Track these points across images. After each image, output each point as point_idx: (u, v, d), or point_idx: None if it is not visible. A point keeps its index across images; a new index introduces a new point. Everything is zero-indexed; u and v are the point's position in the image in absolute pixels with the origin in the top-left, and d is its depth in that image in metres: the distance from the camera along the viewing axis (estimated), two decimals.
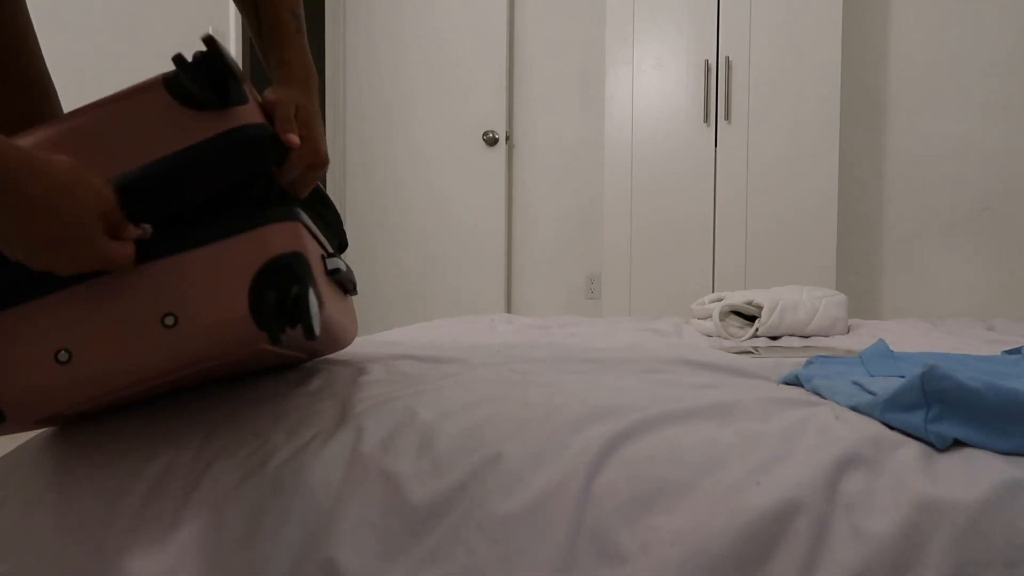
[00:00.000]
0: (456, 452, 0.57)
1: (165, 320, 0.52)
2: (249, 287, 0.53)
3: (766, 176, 2.50)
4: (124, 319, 0.53)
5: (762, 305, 1.48)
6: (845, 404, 0.68)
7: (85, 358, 0.52)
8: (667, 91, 2.60)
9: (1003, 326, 1.55)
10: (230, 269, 0.53)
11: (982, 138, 2.64)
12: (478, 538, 0.52)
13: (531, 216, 3.22)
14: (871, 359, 0.88)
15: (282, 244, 0.55)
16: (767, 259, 2.51)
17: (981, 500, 0.49)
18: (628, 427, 0.57)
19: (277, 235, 0.55)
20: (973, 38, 2.63)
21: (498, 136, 3.11)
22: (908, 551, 0.47)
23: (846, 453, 0.53)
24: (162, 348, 0.52)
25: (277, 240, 0.55)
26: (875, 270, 2.78)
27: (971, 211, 2.66)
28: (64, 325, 0.53)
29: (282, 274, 0.54)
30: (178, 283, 0.53)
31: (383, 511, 0.54)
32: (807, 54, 2.45)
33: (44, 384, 0.52)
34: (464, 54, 3.16)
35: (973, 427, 0.56)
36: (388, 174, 3.34)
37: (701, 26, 2.54)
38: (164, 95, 0.57)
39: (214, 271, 0.53)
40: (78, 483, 0.64)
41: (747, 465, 0.53)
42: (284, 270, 0.54)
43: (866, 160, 2.77)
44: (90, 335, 0.53)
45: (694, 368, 0.89)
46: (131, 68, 2.36)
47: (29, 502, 0.64)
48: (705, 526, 0.49)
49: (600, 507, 0.52)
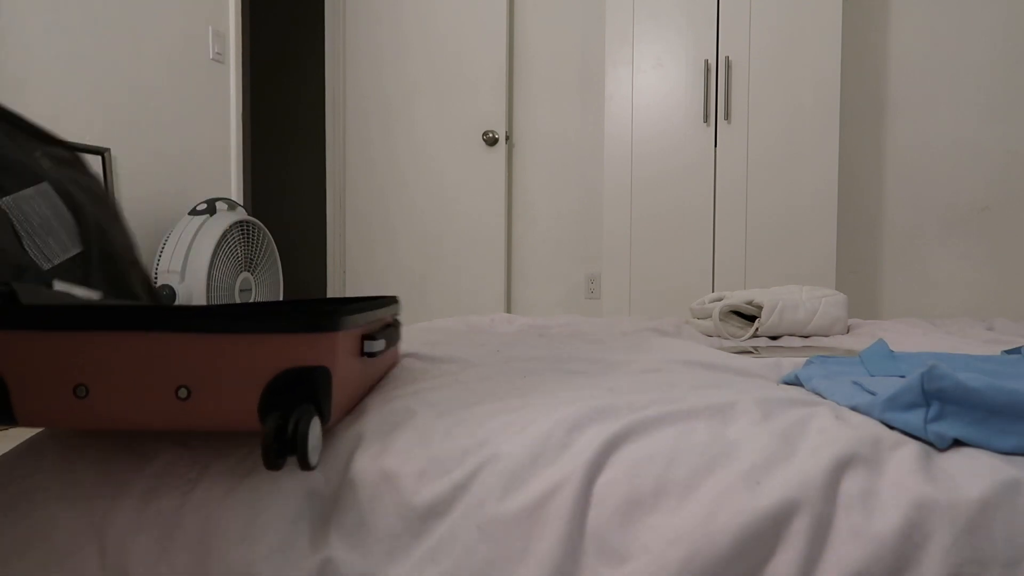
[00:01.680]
0: (456, 452, 0.57)
1: (179, 392, 0.53)
2: (263, 389, 0.53)
3: (766, 176, 2.50)
4: (141, 376, 0.54)
5: (762, 305, 1.48)
6: (845, 404, 0.68)
7: (100, 399, 0.54)
8: (667, 91, 2.60)
9: (1003, 326, 1.54)
10: (250, 365, 0.53)
11: (982, 137, 2.64)
12: (477, 538, 0.52)
13: (531, 216, 3.22)
14: (871, 359, 0.88)
15: (307, 355, 0.54)
16: (767, 259, 2.51)
17: (981, 500, 0.49)
18: (628, 427, 0.57)
19: (306, 345, 0.54)
20: (972, 37, 2.63)
21: (498, 136, 3.11)
22: (908, 551, 0.47)
23: (846, 453, 0.53)
24: (171, 414, 0.53)
25: (303, 350, 0.54)
26: (875, 270, 2.78)
27: (971, 210, 2.66)
28: (87, 363, 0.54)
29: (295, 389, 0.53)
30: (199, 361, 0.53)
31: (382, 511, 0.54)
32: (807, 54, 2.45)
33: (59, 410, 0.55)
34: (464, 54, 3.16)
35: (973, 427, 0.56)
36: (388, 174, 3.34)
37: (701, 26, 2.54)
38: None
39: (236, 361, 0.53)
40: (82, 482, 0.64)
41: (747, 465, 0.53)
42: (299, 384, 0.53)
43: (866, 160, 2.77)
44: (108, 382, 0.54)
45: (694, 368, 0.89)
46: (132, 68, 2.36)
47: (34, 501, 0.64)
48: (705, 526, 0.49)
49: (600, 507, 0.52)
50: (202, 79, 2.68)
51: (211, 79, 2.73)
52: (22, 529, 0.63)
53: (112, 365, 0.54)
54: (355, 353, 0.63)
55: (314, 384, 0.54)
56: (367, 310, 0.66)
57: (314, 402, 0.54)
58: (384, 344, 0.69)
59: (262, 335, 0.53)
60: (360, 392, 0.69)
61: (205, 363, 0.53)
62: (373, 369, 0.74)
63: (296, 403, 0.53)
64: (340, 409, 0.60)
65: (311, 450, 0.52)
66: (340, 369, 0.58)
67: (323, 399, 0.54)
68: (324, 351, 0.55)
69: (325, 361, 0.55)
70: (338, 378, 0.57)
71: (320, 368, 0.54)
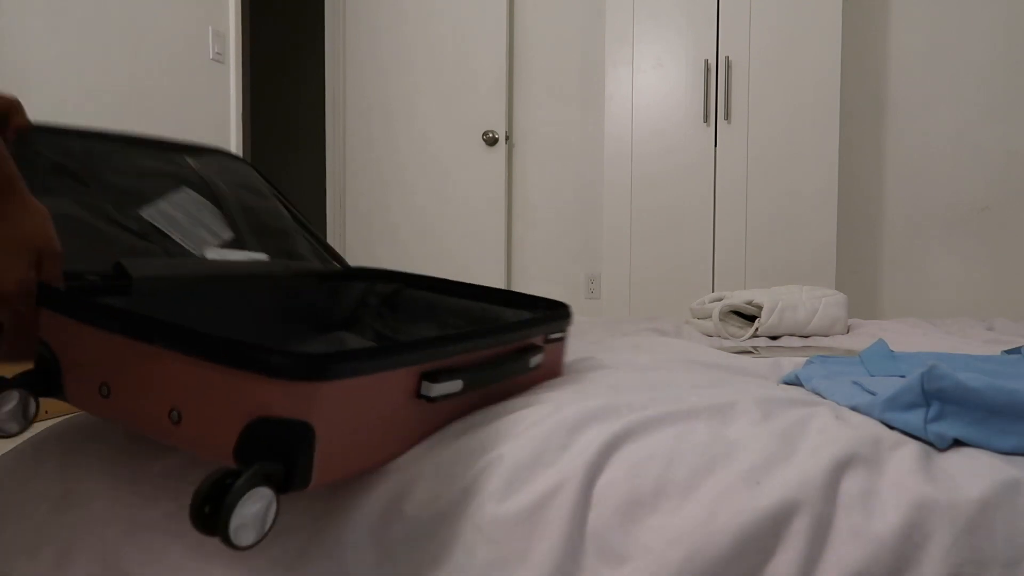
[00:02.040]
0: (456, 453, 0.57)
1: (172, 414, 0.51)
2: (240, 431, 0.46)
3: (766, 175, 2.50)
4: (144, 390, 0.52)
5: (762, 305, 1.48)
6: (845, 404, 0.68)
7: (119, 401, 0.54)
8: (667, 91, 2.60)
9: (1003, 326, 1.55)
10: (232, 402, 0.47)
11: (982, 137, 2.64)
12: (478, 539, 0.52)
13: (531, 216, 3.22)
14: (871, 359, 0.88)
15: (282, 405, 0.46)
16: (767, 259, 2.51)
17: (981, 500, 0.49)
18: (628, 427, 0.57)
19: (280, 393, 0.46)
20: (972, 37, 2.63)
21: (498, 136, 3.11)
22: (908, 551, 0.47)
23: (846, 453, 0.53)
24: (166, 434, 0.52)
25: (277, 398, 0.46)
26: (875, 270, 2.78)
27: (971, 210, 2.66)
28: (109, 364, 0.54)
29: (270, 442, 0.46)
30: (192, 387, 0.49)
31: (384, 513, 0.54)
32: (806, 54, 2.45)
33: (91, 402, 0.56)
34: (464, 54, 3.16)
35: (972, 427, 0.56)
36: (388, 174, 3.34)
37: (701, 26, 2.55)
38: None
39: (223, 393, 0.48)
40: (88, 483, 0.64)
41: (747, 465, 0.53)
42: (273, 437, 0.46)
43: (865, 159, 2.77)
44: (124, 385, 0.54)
45: (694, 368, 0.89)
46: (131, 68, 2.36)
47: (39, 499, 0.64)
48: (705, 526, 0.49)
49: (600, 508, 0.52)
50: (202, 79, 2.68)
51: (211, 79, 2.73)
52: (27, 529, 0.63)
53: (126, 370, 0.53)
54: (404, 395, 0.54)
55: (287, 440, 0.46)
56: (437, 345, 0.56)
57: (286, 461, 0.46)
58: (461, 385, 0.58)
59: (239, 371, 0.46)
60: (410, 440, 0.58)
61: (193, 389, 0.49)
62: (449, 412, 0.62)
63: (268, 457, 0.45)
64: (348, 468, 0.52)
65: (235, 528, 0.42)
66: (338, 425, 0.49)
67: (298, 459, 0.46)
68: (302, 403, 0.46)
69: (305, 415, 0.46)
70: (334, 435, 0.48)
71: (297, 423, 0.46)
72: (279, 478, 0.46)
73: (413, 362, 0.54)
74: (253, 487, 0.43)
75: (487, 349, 0.62)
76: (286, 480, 0.46)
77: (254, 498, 0.44)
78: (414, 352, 0.54)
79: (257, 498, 0.44)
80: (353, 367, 0.49)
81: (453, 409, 0.62)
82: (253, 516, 0.44)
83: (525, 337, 0.68)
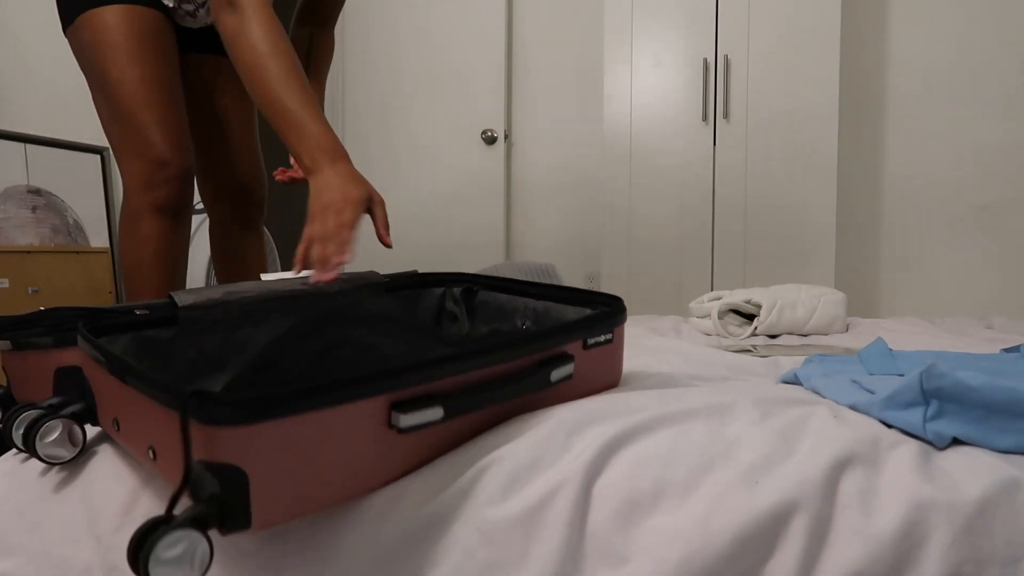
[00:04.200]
0: (455, 455, 0.57)
1: (150, 451, 0.53)
2: (184, 473, 0.46)
3: (765, 174, 2.50)
4: (133, 425, 0.55)
5: (761, 304, 1.48)
6: (844, 403, 0.68)
7: (126, 433, 0.57)
8: (666, 89, 2.60)
9: (1002, 324, 1.55)
10: (183, 444, 0.46)
11: (981, 137, 2.64)
12: (476, 541, 0.52)
13: (530, 215, 3.22)
14: (870, 358, 0.88)
15: (221, 451, 0.45)
16: (766, 257, 2.51)
17: (980, 498, 0.49)
18: (627, 428, 0.57)
19: (219, 437, 0.45)
20: (973, 36, 2.63)
21: (497, 135, 3.11)
22: (907, 550, 0.47)
23: (845, 452, 0.53)
24: (153, 468, 0.54)
25: (216, 443, 0.45)
26: (874, 268, 2.78)
27: (970, 209, 2.66)
28: (117, 402, 0.57)
29: (207, 485, 0.45)
30: (158, 426, 0.49)
31: (379, 515, 0.54)
32: (806, 52, 2.45)
33: (111, 434, 0.60)
34: (463, 53, 3.15)
35: (972, 425, 0.56)
36: (387, 173, 3.33)
37: (699, 24, 2.54)
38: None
39: (175, 435, 0.48)
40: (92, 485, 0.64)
41: (746, 465, 0.53)
42: (208, 482, 0.45)
43: (865, 158, 2.77)
44: (127, 422, 0.57)
45: (693, 367, 0.89)
46: None
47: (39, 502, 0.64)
48: (704, 526, 0.49)
49: (600, 509, 0.52)
50: None
51: None
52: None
53: (121, 405, 0.56)
54: (373, 427, 0.51)
55: (221, 484, 0.45)
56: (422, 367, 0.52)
57: (220, 504, 0.45)
58: (441, 414, 0.53)
59: (180, 415, 0.45)
60: (386, 474, 0.54)
61: (160, 428, 0.49)
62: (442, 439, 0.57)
63: (207, 499, 0.45)
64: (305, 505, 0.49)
65: (156, 572, 0.42)
66: (281, 465, 0.46)
67: (231, 503, 0.45)
68: (233, 448, 0.45)
69: (237, 459, 0.45)
70: (276, 476, 0.46)
71: (228, 467, 0.45)
72: (216, 520, 0.45)
73: (370, 393, 0.50)
74: (174, 532, 0.43)
75: (470, 372, 0.56)
76: (222, 523, 0.45)
77: (173, 544, 0.43)
78: (368, 384, 0.50)
79: (176, 543, 0.43)
80: (288, 407, 0.46)
81: (441, 438, 0.57)
82: (177, 560, 0.43)
83: (535, 350, 0.61)
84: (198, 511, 0.44)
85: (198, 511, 0.44)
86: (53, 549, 0.61)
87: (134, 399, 0.52)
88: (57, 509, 0.63)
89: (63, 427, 0.62)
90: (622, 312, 0.70)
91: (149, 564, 0.42)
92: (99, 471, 0.64)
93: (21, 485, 0.66)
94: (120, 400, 0.56)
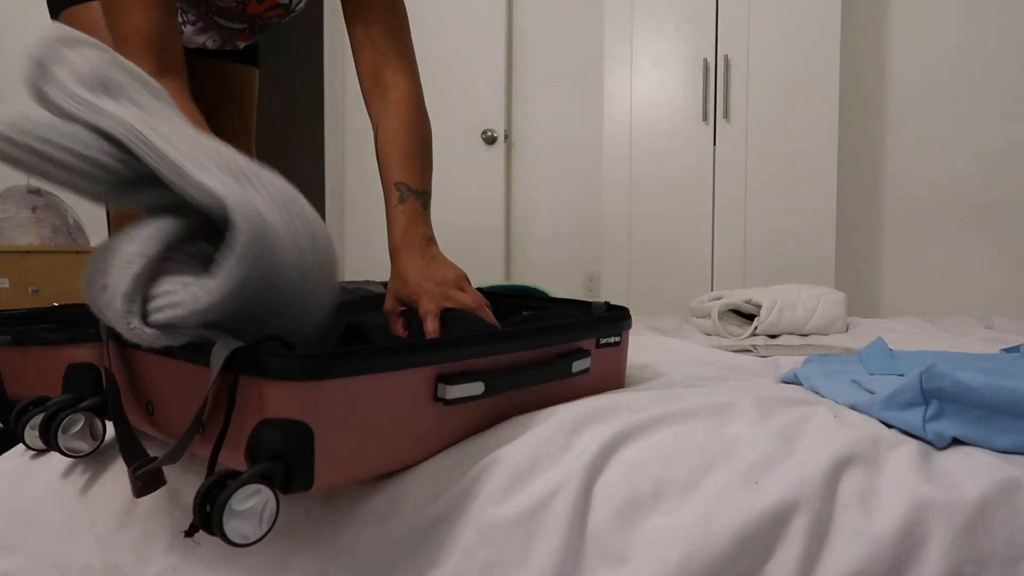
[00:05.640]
0: (455, 455, 0.57)
1: (148, 405, 0.55)
2: (247, 435, 0.47)
3: (765, 174, 2.50)
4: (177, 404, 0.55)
5: (761, 304, 1.48)
6: (844, 403, 0.68)
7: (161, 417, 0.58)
8: (666, 89, 2.59)
9: (1002, 324, 1.55)
10: (240, 408, 0.47)
11: (981, 136, 2.63)
12: (477, 541, 0.52)
13: (530, 215, 3.22)
14: (870, 358, 0.88)
15: (286, 408, 0.46)
16: (766, 257, 2.51)
17: (980, 498, 0.49)
18: (627, 427, 0.57)
19: (281, 393, 0.46)
20: (973, 37, 2.63)
21: (497, 135, 3.11)
22: (907, 550, 0.47)
23: (845, 452, 0.53)
24: (148, 426, 0.56)
25: (278, 399, 0.46)
26: (874, 268, 2.78)
27: (970, 209, 2.66)
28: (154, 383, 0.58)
29: (271, 445, 0.46)
30: (209, 397, 0.49)
31: (382, 515, 0.54)
32: (806, 52, 2.45)
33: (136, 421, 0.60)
34: (463, 53, 3.15)
35: (972, 425, 0.56)
36: None
37: (700, 24, 2.54)
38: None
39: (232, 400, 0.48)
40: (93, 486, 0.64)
41: (746, 465, 0.53)
42: (273, 441, 0.46)
43: (865, 158, 2.77)
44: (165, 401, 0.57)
45: (693, 367, 0.89)
46: None
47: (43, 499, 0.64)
48: (704, 526, 0.49)
49: (600, 509, 0.52)
50: None
51: None
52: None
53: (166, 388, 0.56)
54: (419, 398, 0.53)
55: (286, 441, 0.46)
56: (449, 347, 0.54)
57: (286, 462, 0.46)
58: (482, 388, 0.56)
59: (244, 377, 0.47)
60: (429, 445, 0.56)
61: (210, 399, 0.48)
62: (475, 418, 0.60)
63: (271, 458, 0.46)
64: (358, 470, 0.51)
65: (230, 524, 0.44)
66: (340, 425, 0.48)
67: (297, 460, 0.46)
68: (300, 404, 0.46)
69: (304, 416, 0.46)
70: (336, 436, 0.48)
71: (295, 423, 0.46)
72: (280, 478, 0.46)
73: (423, 363, 0.53)
74: (247, 485, 0.44)
75: (511, 352, 0.60)
76: (286, 481, 0.46)
77: (247, 496, 0.44)
78: (421, 353, 0.53)
79: (250, 496, 0.44)
80: (351, 366, 0.48)
81: (481, 414, 0.60)
82: (247, 514, 0.44)
83: (561, 340, 0.66)
84: (265, 468, 0.45)
85: (265, 468, 0.45)
86: (53, 549, 0.61)
87: (178, 372, 0.53)
88: (57, 509, 0.63)
89: (85, 420, 0.63)
90: (629, 317, 0.75)
91: (224, 515, 0.43)
92: (99, 471, 0.64)
93: (21, 485, 0.66)
94: (160, 379, 0.56)
